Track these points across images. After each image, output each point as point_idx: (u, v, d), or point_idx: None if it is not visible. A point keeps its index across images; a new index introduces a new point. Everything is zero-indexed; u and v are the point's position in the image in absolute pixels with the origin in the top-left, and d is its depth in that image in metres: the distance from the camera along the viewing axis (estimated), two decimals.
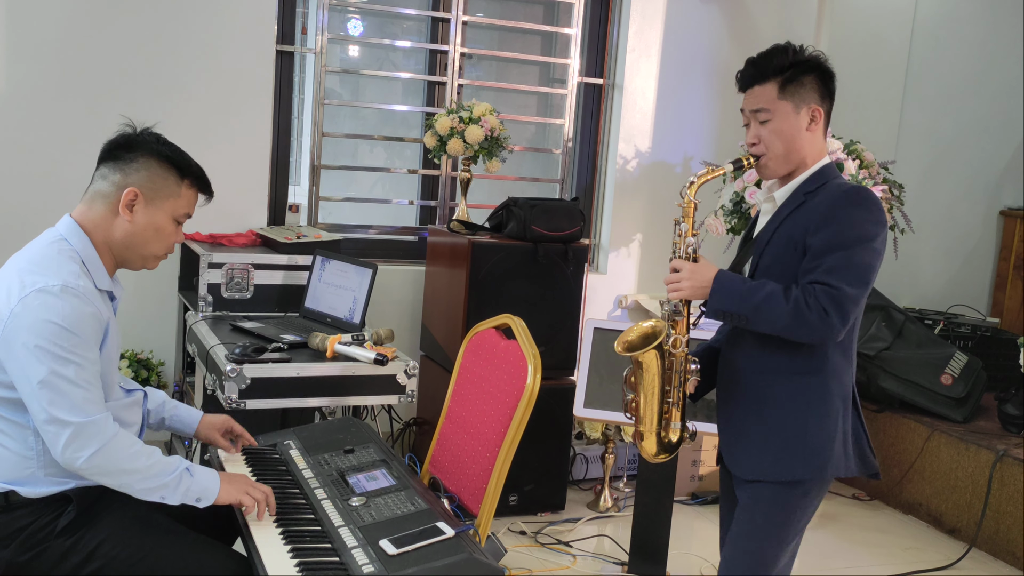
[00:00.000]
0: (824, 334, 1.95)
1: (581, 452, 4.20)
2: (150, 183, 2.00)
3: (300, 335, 3.03)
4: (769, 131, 2.06)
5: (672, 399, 2.10)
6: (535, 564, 3.38)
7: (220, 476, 2.01)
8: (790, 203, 2.08)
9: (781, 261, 2.05)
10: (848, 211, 1.98)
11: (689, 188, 2.12)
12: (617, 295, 4.58)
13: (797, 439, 2.04)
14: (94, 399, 1.87)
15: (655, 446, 2.12)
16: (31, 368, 1.83)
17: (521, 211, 3.67)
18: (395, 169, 4.50)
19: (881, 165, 4.04)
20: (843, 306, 1.92)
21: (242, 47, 3.84)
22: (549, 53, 4.64)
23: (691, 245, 2.10)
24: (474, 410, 2.38)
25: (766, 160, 2.09)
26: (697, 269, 2.05)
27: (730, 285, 2.01)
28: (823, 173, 2.08)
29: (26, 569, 1.92)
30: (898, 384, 4.23)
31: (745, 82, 2.11)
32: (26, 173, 3.60)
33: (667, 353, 2.08)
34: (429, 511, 2.02)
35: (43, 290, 1.86)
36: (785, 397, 2.05)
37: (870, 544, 3.84)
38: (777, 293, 1.96)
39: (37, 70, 3.57)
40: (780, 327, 1.96)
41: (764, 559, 2.10)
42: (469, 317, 3.57)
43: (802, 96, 2.05)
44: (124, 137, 2.03)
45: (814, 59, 2.08)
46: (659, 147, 4.57)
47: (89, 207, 2.01)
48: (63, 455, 1.84)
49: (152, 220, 2.01)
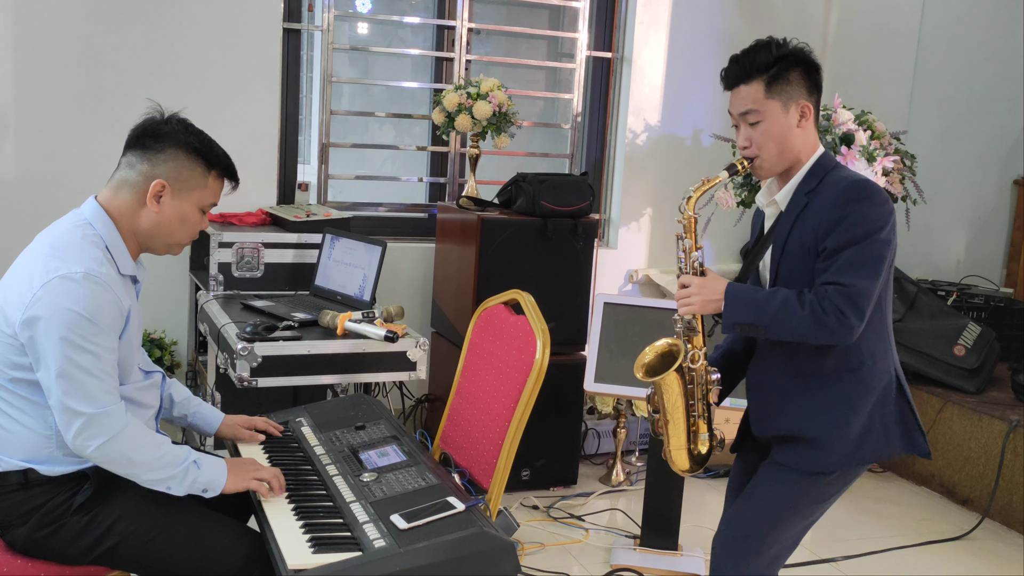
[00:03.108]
0: (843, 335, 1.95)
1: (592, 427, 4.21)
2: (177, 174, 2.00)
3: (311, 313, 3.05)
4: (760, 133, 2.04)
5: (697, 412, 2.10)
6: (547, 538, 3.40)
7: (227, 464, 2.01)
8: (793, 206, 2.07)
9: (800, 268, 2.04)
10: (854, 207, 1.97)
11: (687, 203, 2.08)
12: (628, 270, 4.57)
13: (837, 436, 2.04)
14: (109, 389, 1.89)
15: (687, 461, 2.13)
16: (49, 355, 1.85)
17: (530, 187, 3.67)
18: (404, 146, 4.50)
19: (893, 135, 4.01)
20: (857, 303, 1.92)
21: (248, 25, 3.83)
22: (557, 27, 4.61)
23: (696, 259, 2.07)
24: (484, 386, 2.39)
25: (760, 162, 2.07)
26: (706, 284, 2.03)
27: (742, 297, 2.00)
28: (820, 166, 2.07)
29: (43, 545, 1.95)
30: (911, 356, 4.22)
31: (730, 81, 2.08)
32: (37, 153, 3.62)
33: (687, 370, 2.07)
34: (440, 486, 2.03)
35: (65, 277, 1.86)
36: (823, 397, 2.05)
37: (883, 515, 3.85)
38: (791, 300, 1.95)
39: (48, 50, 3.57)
40: (800, 333, 1.96)
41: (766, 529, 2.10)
42: (479, 293, 3.57)
43: (789, 93, 2.03)
44: (152, 124, 2.02)
45: (798, 52, 2.05)
46: (669, 120, 4.55)
47: (115, 194, 2.01)
48: (73, 443, 1.86)
49: (179, 211, 2.01)
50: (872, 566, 3.38)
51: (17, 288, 1.90)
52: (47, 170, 3.62)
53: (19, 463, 1.95)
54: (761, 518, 2.10)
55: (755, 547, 2.10)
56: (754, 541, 2.10)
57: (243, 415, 2.39)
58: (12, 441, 1.95)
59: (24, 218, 3.55)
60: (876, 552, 3.48)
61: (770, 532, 2.10)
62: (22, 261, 1.97)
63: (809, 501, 2.10)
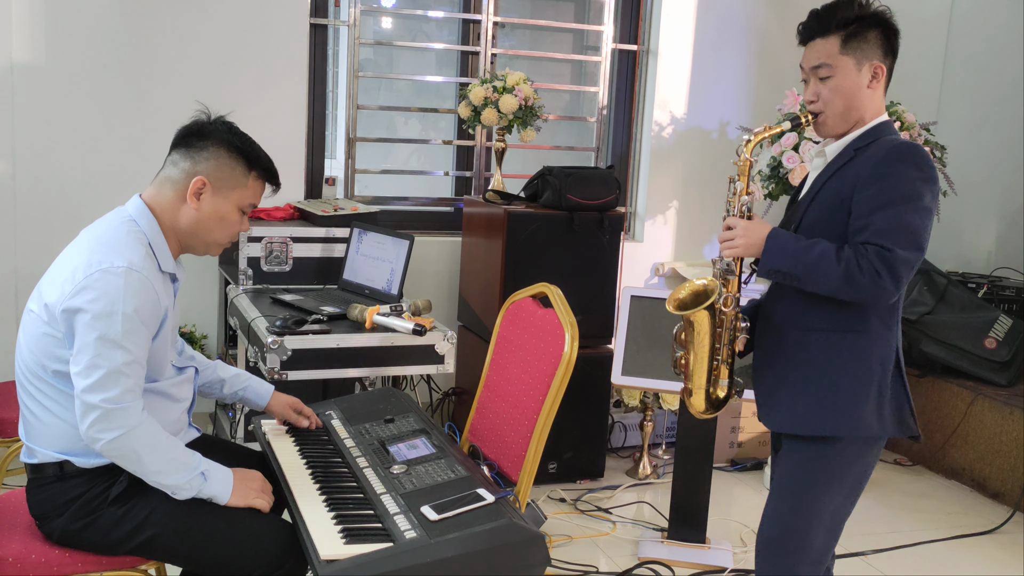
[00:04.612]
0: (876, 296, 1.92)
1: (619, 420, 4.21)
2: (218, 172, 2.03)
3: (339, 307, 3.07)
4: (829, 88, 2.02)
5: (721, 356, 2.08)
6: (575, 530, 3.41)
7: (234, 477, 2.02)
8: (840, 158, 2.04)
9: (825, 217, 2.01)
10: (896, 167, 1.93)
11: (746, 146, 2.06)
12: (654, 263, 4.56)
13: (827, 395, 2.02)
14: (132, 387, 1.90)
15: (703, 403, 2.12)
16: (82, 346, 1.87)
17: (556, 180, 3.67)
18: (430, 140, 4.51)
19: (922, 126, 3.97)
20: (896, 268, 1.89)
21: (276, 21, 3.85)
22: (582, 20, 4.60)
23: (745, 203, 2.06)
24: (512, 379, 2.40)
25: (824, 118, 2.05)
26: (751, 227, 2.02)
27: (783, 243, 1.98)
28: (878, 129, 2.03)
29: (80, 536, 1.98)
30: (941, 348, 4.18)
31: (807, 34, 2.05)
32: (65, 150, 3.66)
33: (718, 312, 2.06)
34: (469, 478, 2.05)
35: (108, 270, 1.89)
36: (820, 353, 2.04)
37: (912, 509, 3.82)
38: (829, 253, 1.93)
39: (77, 45, 3.61)
40: (832, 288, 1.94)
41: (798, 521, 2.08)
42: (506, 287, 3.58)
43: (865, 52, 2.00)
44: (197, 124, 2.07)
45: (880, 14, 2.02)
46: (695, 113, 4.53)
47: (159, 191, 2.05)
48: (87, 433, 1.88)
49: (218, 209, 2.04)
50: (902, 560, 3.36)
51: (60, 280, 1.93)
52: (78, 164, 3.66)
53: (55, 455, 1.98)
54: (790, 508, 2.09)
55: (796, 543, 2.08)
56: (794, 537, 2.08)
57: (294, 396, 2.42)
58: (48, 433, 1.98)
59: (57, 213, 3.60)
60: (906, 546, 3.46)
61: (804, 520, 2.07)
62: (65, 255, 2.00)
63: (831, 473, 2.06)
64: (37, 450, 2.00)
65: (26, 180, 3.61)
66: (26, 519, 2.06)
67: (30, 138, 3.60)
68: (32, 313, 1.99)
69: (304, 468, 2.17)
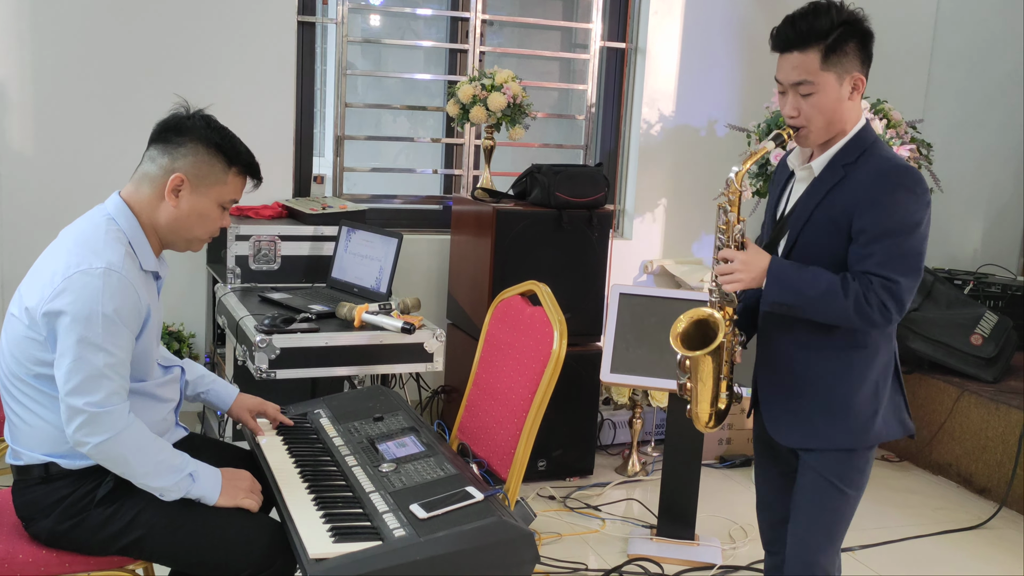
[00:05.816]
0: (883, 326, 1.96)
1: (608, 417, 4.22)
2: (196, 169, 2.00)
3: (328, 305, 3.06)
4: (811, 104, 1.97)
5: (723, 374, 2.10)
6: (564, 528, 3.42)
7: (223, 477, 2.01)
8: (829, 177, 2.02)
9: (821, 241, 2.00)
10: (894, 196, 1.92)
11: (735, 176, 2.01)
12: (642, 260, 4.57)
13: (842, 412, 2.04)
14: (116, 389, 1.89)
15: (712, 420, 2.13)
16: (65, 350, 1.86)
17: (545, 178, 3.67)
18: (418, 138, 4.50)
19: (909, 124, 3.99)
20: (901, 298, 1.91)
21: (263, 19, 3.84)
22: (571, 18, 4.61)
23: (739, 231, 2.03)
24: (501, 376, 2.40)
25: (806, 132, 2.01)
26: (750, 260, 1.99)
27: (785, 277, 1.97)
28: (861, 138, 2.02)
29: (67, 537, 1.97)
30: (927, 345, 4.21)
31: (783, 44, 1.98)
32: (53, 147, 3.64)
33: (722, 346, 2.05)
34: (458, 476, 2.05)
35: (86, 272, 1.88)
36: (828, 372, 2.04)
37: (900, 505, 3.84)
38: (835, 287, 1.93)
39: (62, 46, 3.60)
40: (839, 320, 1.95)
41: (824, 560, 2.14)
42: (494, 285, 3.58)
43: (844, 65, 1.96)
44: (175, 119, 2.03)
45: (856, 21, 1.98)
46: (683, 111, 4.54)
47: (137, 188, 2.02)
48: (73, 436, 1.87)
49: (196, 206, 2.01)
50: (889, 556, 3.38)
51: (39, 283, 1.92)
52: (63, 164, 3.65)
53: (41, 457, 1.97)
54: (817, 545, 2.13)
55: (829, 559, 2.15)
56: (827, 554, 2.14)
57: (257, 398, 2.39)
58: (33, 435, 1.97)
59: (43, 213, 3.58)
60: (894, 541, 3.48)
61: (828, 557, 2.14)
62: (46, 257, 1.99)
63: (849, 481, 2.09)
64: (22, 452, 1.99)
65: (10, 182, 3.59)
66: (12, 519, 2.05)
67: (15, 140, 3.58)
68: (13, 317, 1.97)
69: (293, 467, 2.16)
